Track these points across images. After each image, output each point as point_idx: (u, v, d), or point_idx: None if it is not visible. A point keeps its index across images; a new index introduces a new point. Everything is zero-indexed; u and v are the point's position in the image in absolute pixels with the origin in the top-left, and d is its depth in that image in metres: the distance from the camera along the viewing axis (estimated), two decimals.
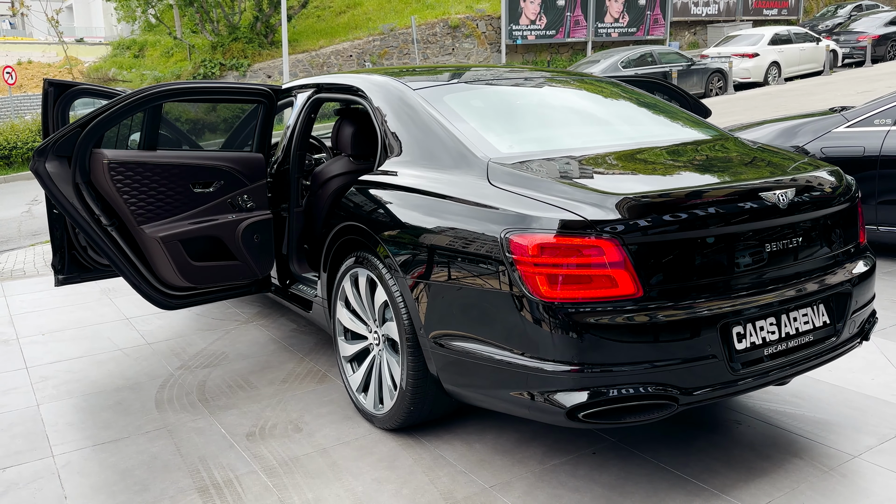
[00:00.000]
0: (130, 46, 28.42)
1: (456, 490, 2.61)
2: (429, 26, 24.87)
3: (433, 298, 2.65)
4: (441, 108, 2.99)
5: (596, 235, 2.25)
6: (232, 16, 24.54)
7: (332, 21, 27.10)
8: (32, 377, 3.78)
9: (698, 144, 3.04)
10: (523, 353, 2.36)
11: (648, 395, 2.30)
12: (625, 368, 2.28)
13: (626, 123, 3.25)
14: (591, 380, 2.28)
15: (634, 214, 2.29)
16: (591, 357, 2.27)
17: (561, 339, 2.27)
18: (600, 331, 2.26)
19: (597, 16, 25.67)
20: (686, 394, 2.34)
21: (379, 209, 2.96)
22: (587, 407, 2.29)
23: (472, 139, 2.79)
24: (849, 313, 2.70)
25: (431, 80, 3.38)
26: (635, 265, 2.28)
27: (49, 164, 3.07)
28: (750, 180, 2.56)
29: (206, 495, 2.62)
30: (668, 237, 2.33)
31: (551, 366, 2.30)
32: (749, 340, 2.44)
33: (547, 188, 2.43)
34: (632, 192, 2.35)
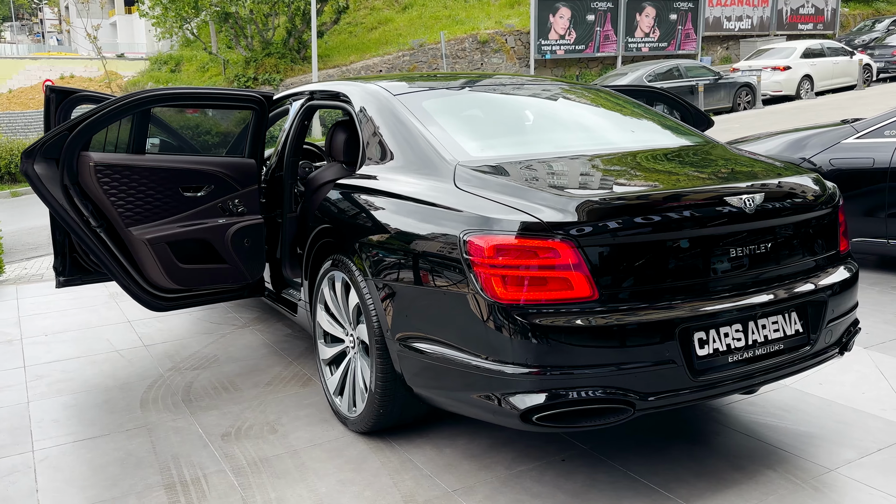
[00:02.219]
0: (168, 61, 29.13)
1: (418, 493, 2.60)
2: (458, 41, 25.03)
3: (399, 300, 2.66)
4: (418, 112, 3.02)
5: (552, 238, 2.25)
6: (266, 31, 24.99)
7: (363, 37, 27.45)
8: (28, 375, 3.87)
9: (674, 151, 3.01)
10: (480, 354, 2.36)
11: (603, 400, 2.28)
12: (579, 372, 2.26)
13: (604, 130, 3.24)
14: (546, 383, 2.27)
15: (591, 217, 2.27)
16: (545, 359, 2.26)
17: (515, 340, 2.26)
18: (555, 333, 2.25)
19: (627, 30, 25.58)
20: (643, 399, 2.31)
21: (351, 212, 2.99)
22: (541, 410, 2.27)
23: (443, 143, 2.80)
24: (824, 323, 2.64)
25: (416, 86, 3.41)
26: (591, 268, 2.27)
27: (37, 166, 3.16)
28: (715, 185, 2.53)
29: (172, 492, 2.65)
30: (625, 240, 2.31)
31: (505, 367, 2.29)
32: (712, 346, 2.40)
33: (508, 191, 2.43)
34: (590, 195, 2.34)
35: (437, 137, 2.84)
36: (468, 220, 2.39)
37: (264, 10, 24.69)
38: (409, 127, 2.94)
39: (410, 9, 28.88)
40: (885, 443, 2.88)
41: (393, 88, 3.26)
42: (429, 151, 2.78)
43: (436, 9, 28.33)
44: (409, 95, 3.18)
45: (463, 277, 2.36)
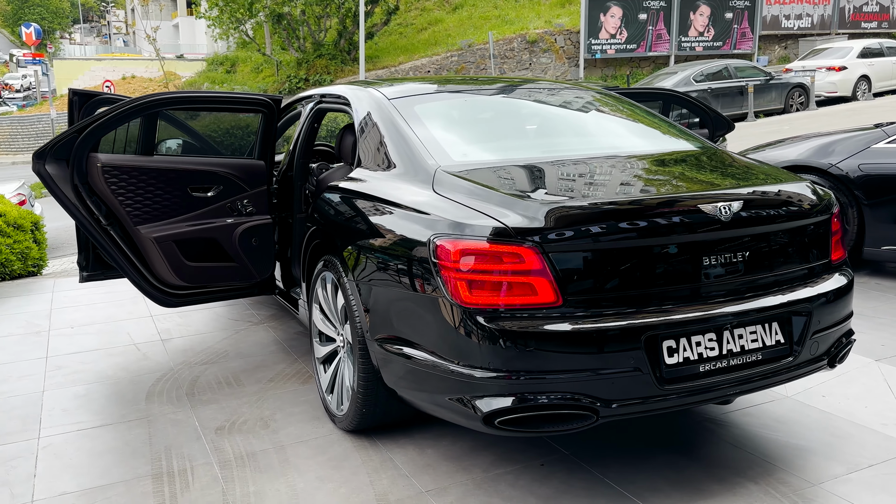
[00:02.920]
0: (223, 63, 29.88)
1: (392, 492, 2.64)
2: (506, 41, 24.98)
3: (377, 302, 2.71)
4: (409, 117, 3.05)
5: (516, 243, 2.26)
6: (317, 33, 25.39)
7: (413, 38, 27.63)
8: (49, 366, 4.05)
9: (664, 156, 2.98)
10: (447, 357, 2.39)
11: (566, 405, 2.28)
12: (542, 377, 2.27)
13: (596, 134, 3.23)
14: (508, 387, 2.28)
15: (556, 224, 2.28)
16: (507, 364, 2.27)
17: (478, 344, 2.28)
18: (518, 338, 2.26)
19: (680, 29, 25.11)
20: (607, 406, 2.30)
21: (338, 213, 3.05)
22: (503, 414, 2.28)
23: (428, 147, 2.84)
24: (808, 334, 2.58)
25: (415, 89, 3.44)
26: (556, 274, 2.27)
27: (49, 167, 3.31)
28: (689, 192, 2.50)
29: (158, 482, 2.76)
30: (591, 247, 2.30)
31: (469, 370, 2.32)
32: (682, 355, 2.37)
33: (480, 196, 2.45)
34: (557, 202, 2.35)
35: (422, 142, 2.87)
36: (438, 224, 2.42)
37: (317, 12, 25.09)
38: (397, 131, 2.98)
39: (461, 9, 28.94)
40: (878, 459, 2.79)
41: (389, 92, 3.31)
42: (413, 156, 2.82)
43: (486, 9, 28.33)
44: (404, 100, 3.22)
45: (432, 281, 2.39)
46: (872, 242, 5.08)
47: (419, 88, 3.46)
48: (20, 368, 4.02)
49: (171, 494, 2.67)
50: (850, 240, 5.12)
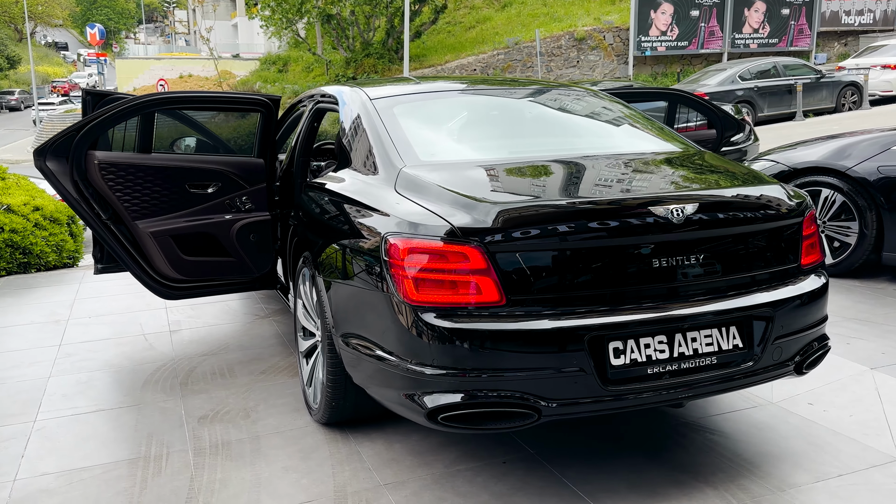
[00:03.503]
0: (276, 62, 30.48)
1: (350, 485, 2.71)
2: (554, 39, 24.82)
3: (341, 298, 2.77)
4: (386, 117, 3.11)
5: (461, 242, 2.29)
6: (366, 33, 25.67)
7: (461, 36, 27.69)
8: (60, 353, 4.25)
9: (636, 157, 2.96)
10: (396, 353, 2.43)
11: (508, 404, 2.30)
12: (484, 375, 2.29)
13: (572, 135, 3.22)
14: (450, 384, 2.31)
15: (502, 224, 2.30)
16: (450, 361, 2.30)
17: (422, 341, 2.32)
18: (460, 336, 2.29)
19: (734, 26, 24.56)
20: (549, 405, 2.31)
21: (311, 211, 3.13)
22: (446, 410, 2.32)
23: (398, 148, 2.88)
24: (770, 339, 2.54)
25: (402, 90, 3.49)
26: (500, 273, 2.29)
27: (50, 163, 3.48)
28: (640, 194, 2.48)
29: (133, 467, 2.88)
30: (536, 248, 2.32)
31: (414, 367, 2.36)
32: (629, 357, 2.36)
33: (434, 196, 2.49)
34: (503, 202, 2.37)
35: (393, 142, 2.92)
36: (391, 223, 2.47)
37: (366, 11, 25.39)
38: (372, 132, 3.03)
39: (509, 7, 28.88)
40: (849, 469, 2.73)
41: (374, 93, 3.37)
42: (382, 155, 2.87)
43: (535, 6, 28.21)
44: (386, 100, 3.27)
45: (385, 279, 2.44)
46: (892, 247, 4.92)
47: (406, 89, 3.51)
48: (33, 355, 4.22)
49: (142, 479, 2.79)
50: (869, 244, 4.97)
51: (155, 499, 2.65)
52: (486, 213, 2.32)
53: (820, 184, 5.17)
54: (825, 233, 5.15)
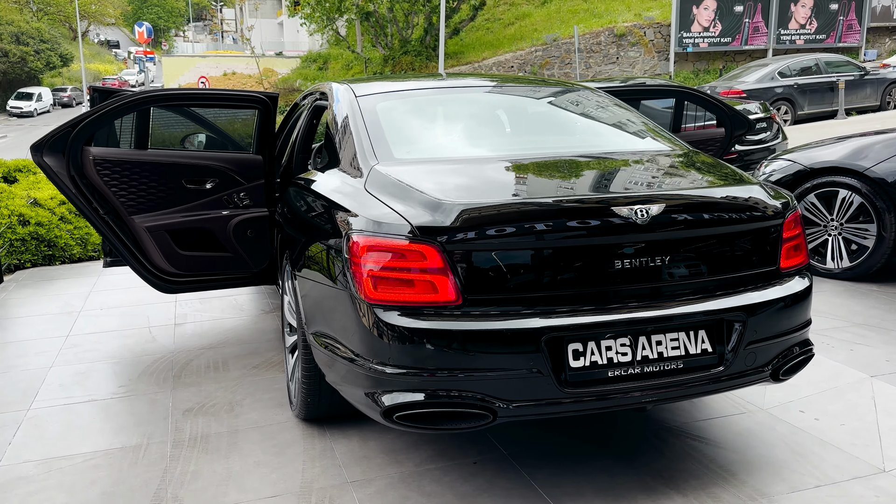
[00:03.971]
0: (316, 60, 30.80)
1: (317, 481, 2.72)
2: (593, 35, 24.55)
3: (310, 296, 2.79)
4: (368, 115, 3.10)
5: (419, 241, 2.28)
6: (405, 30, 25.75)
7: (499, 33, 27.58)
8: (66, 344, 4.36)
9: (613, 156, 2.90)
10: (355, 351, 2.43)
11: (463, 404, 2.28)
12: (440, 374, 2.28)
13: (553, 134, 3.17)
14: (406, 383, 2.30)
15: (460, 223, 2.28)
16: (406, 360, 2.29)
17: (379, 340, 2.32)
18: (416, 335, 2.27)
19: (779, 22, 23.95)
20: (506, 406, 2.28)
21: (290, 208, 3.15)
22: (402, 409, 2.31)
23: (375, 145, 2.88)
24: (742, 344, 2.46)
25: (388, 87, 3.49)
26: (457, 273, 2.27)
27: (48, 158, 3.56)
28: (604, 194, 2.43)
29: (110, 457, 2.94)
30: (494, 248, 2.29)
31: (371, 365, 2.35)
32: (589, 359, 2.32)
33: (399, 194, 2.48)
34: (463, 201, 2.34)
35: (371, 139, 2.91)
36: (355, 221, 2.46)
37: (405, 8, 25.46)
38: (352, 129, 3.03)
39: (549, 3, 28.65)
40: (829, 480, 2.63)
41: (360, 90, 3.37)
42: (358, 153, 2.87)
43: (575, 2, 27.92)
44: (370, 97, 3.27)
45: (345, 276, 2.44)
46: None
47: (393, 86, 3.50)
48: (40, 345, 4.34)
49: (118, 469, 2.84)
50: (888, 247, 4.80)
51: (126, 489, 2.70)
52: (445, 212, 2.30)
53: (838, 184, 5.01)
54: (842, 235, 4.99)
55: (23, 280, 6.05)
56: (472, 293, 2.29)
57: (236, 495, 2.64)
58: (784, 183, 5.23)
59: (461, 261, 2.28)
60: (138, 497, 2.64)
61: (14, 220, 6.49)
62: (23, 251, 6.48)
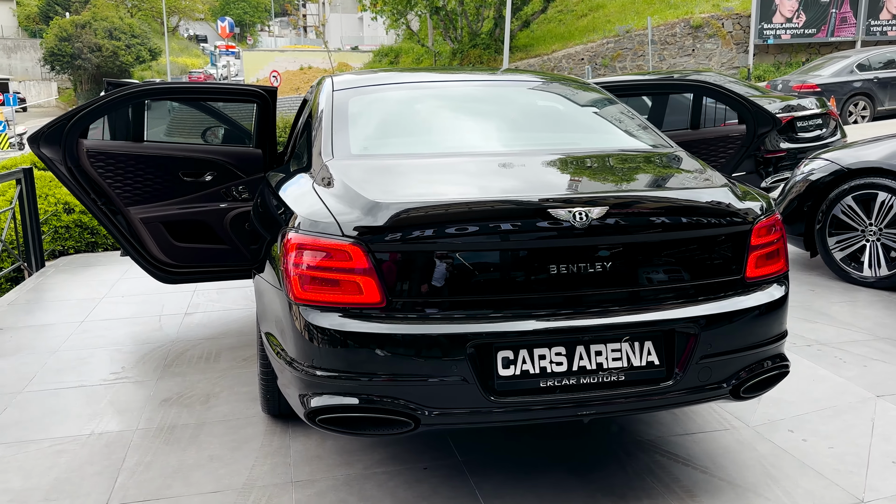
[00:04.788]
0: (388, 54, 31.05)
1: (262, 479, 2.69)
2: (668, 27, 23.79)
3: (259, 294, 2.77)
4: (338, 109, 3.05)
5: (345, 240, 2.21)
6: (475, 23, 25.64)
7: (572, 24, 27.11)
8: (78, 329, 4.50)
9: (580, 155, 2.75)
10: (286, 350, 2.39)
11: (384, 409, 2.20)
12: (362, 378, 2.21)
13: (525, 131, 3.04)
14: (330, 386, 2.24)
15: (385, 223, 2.20)
16: (329, 363, 2.23)
17: (305, 340, 2.27)
18: (339, 337, 2.21)
19: (869, 12, 22.62)
20: (429, 414, 2.19)
21: (256, 202, 3.13)
22: (323, 412, 2.25)
23: (335, 141, 2.82)
24: (694, 357, 2.29)
25: (367, 80, 3.43)
26: (382, 274, 2.20)
27: (45, 150, 3.67)
28: (541, 195, 2.29)
29: (75, 443, 3.00)
30: (421, 249, 2.20)
31: (297, 366, 2.30)
32: (520, 368, 2.20)
33: (336, 191, 2.42)
34: (391, 200, 2.26)
35: (333, 135, 2.86)
36: (291, 218, 2.42)
37: (475, 1, 25.34)
38: (321, 123, 2.99)
39: None
40: None
41: (339, 83, 3.32)
42: (317, 148, 2.83)
43: None
44: (345, 91, 3.22)
45: (279, 275, 2.40)
46: None
47: (372, 79, 3.44)
48: (55, 329, 4.50)
49: (79, 455, 2.90)
50: None
51: (78, 477, 2.74)
52: (371, 211, 2.23)
53: (877, 186, 4.65)
54: (881, 241, 4.64)
55: (62, 266, 6.31)
56: (396, 296, 2.21)
57: (179, 489, 2.65)
58: (821, 184, 4.90)
59: (386, 262, 2.20)
60: (87, 485, 2.68)
61: (59, 207, 6.77)
62: (66, 238, 6.76)
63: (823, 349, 3.74)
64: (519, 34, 25.81)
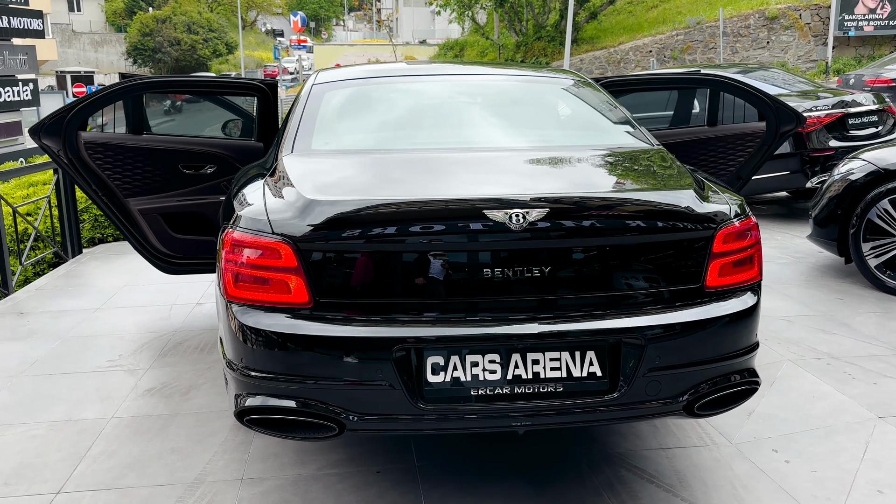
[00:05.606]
0: (453, 47, 30.99)
1: (214, 473, 2.69)
2: (742, 18, 22.88)
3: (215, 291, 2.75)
4: (312, 103, 3.01)
5: (275, 238, 2.16)
6: (540, 15, 25.32)
7: (641, 16, 26.44)
8: (91, 316, 4.62)
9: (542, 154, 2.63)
10: (225, 350, 2.37)
11: (310, 413, 2.15)
12: (287, 380, 2.16)
13: (496, 127, 2.91)
14: (256, 386, 2.20)
15: (315, 221, 2.14)
16: (256, 362, 2.20)
17: (238, 340, 2.23)
18: (266, 336, 2.17)
19: None
20: (355, 420, 2.13)
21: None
22: (250, 413, 2.22)
23: (299, 136, 2.78)
24: (640, 370, 2.15)
25: (349, 74, 3.36)
26: (309, 273, 2.14)
27: (46, 141, 3.76)
28: (476, 195, 2.18)
29: (50, 429, 3.06)
30: (351, 248, 2.13)
31: (230, 364, 2.28)
32: (451, 375, 2.11)
33: (279, 187, 2.38)
34: (326, 198, 2.20)
35: (299, 130, 2.82)
36: (233, 215, 2.38)
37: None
38: (290, 117, 2.96)
39: None
40: None
41: (322, 77, 3.28)
42: (281, 143, 2.80)
43: None
44: (324, 85, 3.17)
45: (218, 273, 2.38)
46: None
47: (358, 73, 3.38)
48: (70, 315, 4.63)
49: (49, 441, 2.95)
50: None
51: (42, 462, 2.80)
52: (303, 209, 2.17)
53: None
54: None
55: (98, 253, 6.51)
56: (323, 296, 2.15)
57: (132, 479, 2.67)
58: (857, 185, 4.58)
59: (315, 261, 2.14)
60: (47, 472, 2.73)
61: None
62: (105, 226, 6.98)
63: (833, 363, 3.48)
64: (586, 26, 25.32)
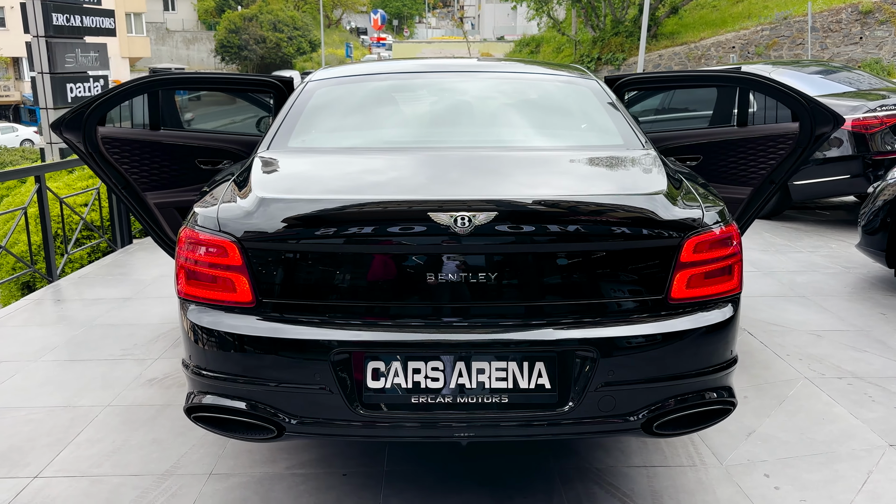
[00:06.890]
0: (529, 43, 30.70)
1: (186, 467, 2.71)
2: (832, 13, 21.73)
3: None
4: (300, 101, 3.00)
5: (221, 236, 2.15)
6: (619, 10, 24.77)
7: (725, 11, 25.51)
8: (115, 306, 4.74)
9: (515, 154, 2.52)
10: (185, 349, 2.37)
11: (249, 414, 2.13)
12: (229, 380, 2.14)
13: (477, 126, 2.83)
14: (201, 384, 2.20)
15: (259, 219, 2.12)
16: (201, 361, 2.20)
17: (188, 337, 2.24)
18: (211, 335, 2.16)
19: None
20: (293, 423, 2.09)
21: None
22: (196, 410, 2.22)
23: (279, 133, 2.77)
24: (593, 384, 2.03)
25: (343, 72, 3.34)
26: (253, 272, 2.12)
27: (68, 135, 3.89)
28: (423, 196, 2.10)
29: (47, 414, 3.16)
30: (294, 248, 2.10)
31: (183, 361, 2.28)
32: (391, 381, 2.05)
33: (239, 185, 2.37)
34: (270, 195, 2.17)
35: (280, 127, 2.81)
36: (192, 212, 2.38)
37: None
38: (279, 115, 2.95)
39: None
40: None
41: (318, 75, 3.28)
42: (262, 140, 2.79)
43: None
44: (318, 82, 3.16)
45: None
46: None
47: (354, 70, 3.35)
48: (100, 304, 4.79)
49: (43, 425, 3.05)
50: None
51: (30, 446, 2.89)
52: (249, 207, 2.15)
53: None
54: None
55: (147, 244, 6.73)
56: (266, 296, 2.12)
57: (108, 468, 2.72)
58: None
59: (258, 260, 2.12)
60: (32, 456, 2.82)
61: None
62: None
63: (855, 384, 3.22)
64: (666, 21, 24.59)
